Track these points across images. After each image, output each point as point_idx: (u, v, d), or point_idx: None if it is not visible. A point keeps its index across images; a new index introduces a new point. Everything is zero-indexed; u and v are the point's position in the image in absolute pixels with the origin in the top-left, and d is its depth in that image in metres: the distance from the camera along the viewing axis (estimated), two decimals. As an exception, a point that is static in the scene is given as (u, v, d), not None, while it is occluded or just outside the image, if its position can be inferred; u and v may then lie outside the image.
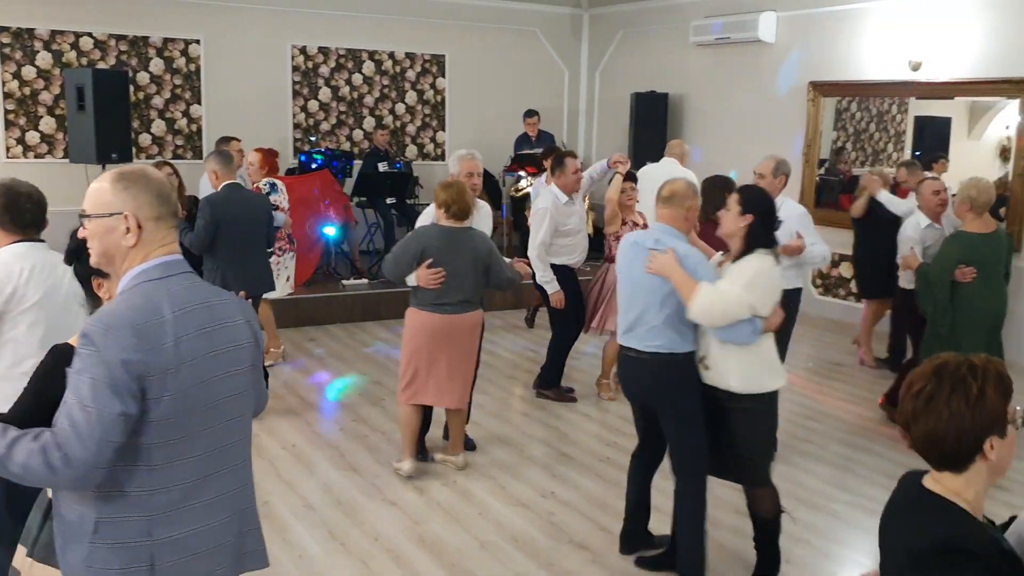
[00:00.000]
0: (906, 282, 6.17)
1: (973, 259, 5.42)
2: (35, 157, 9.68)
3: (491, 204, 11.24)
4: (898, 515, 2.04)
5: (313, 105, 11.04)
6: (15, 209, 3.37)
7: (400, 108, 11.57)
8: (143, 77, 10.06)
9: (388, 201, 10.10)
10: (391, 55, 11.40)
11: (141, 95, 10.05)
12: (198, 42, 10.27)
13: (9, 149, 9.56)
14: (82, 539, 2.12)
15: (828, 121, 9.48)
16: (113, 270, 2.22)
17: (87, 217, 2.18)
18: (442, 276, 4.91)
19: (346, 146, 11.18)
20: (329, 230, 9.31)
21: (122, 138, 8.62)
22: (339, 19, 10.96)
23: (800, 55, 9.48)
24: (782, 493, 5.13)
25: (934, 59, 8.23)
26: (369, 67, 11.30)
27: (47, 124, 9.72)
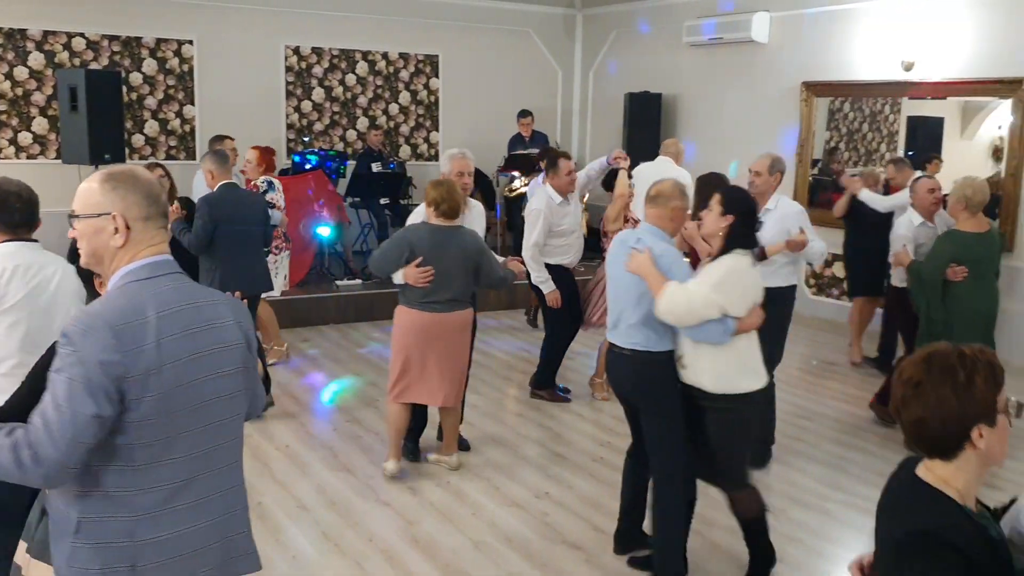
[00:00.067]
0: (898, 280, 6.17)
1: (966, 258, 5.44)
2: (28, 158, 9.65)
3: (485, 204, 11.33)
4: (888, 500, 2.07)
5: (307, 105, 11.02)
6: (4, 208, 3.31)
7: (394, 108, 11.57)
8: (136, 78, 10.04)
9: (382, 201, 10.10)
10: (385, 55, 11.40)
11: (134, 96, 10.03)
12: (191, 42, 10.26)
13: (1, 150, 9.52)
14: (65, 537, 2.12)
15: (821, 121, 9.50)
16: (102, 270, 2.20)
17: (76, 217, 2.17)
18: (430, 275, 4.91)
19: (340, 146, 11.18)
20: (323, 230, 9.30)
21: (115, 139, 8.60)
22: (333, 19, 10.95)
23: (794, 55, 9.50)
24: (776, 492, 5.16)
25: (927, 59, 8.25)
26: (363, 67, 11.29)
27: (40, 125, 9.70)
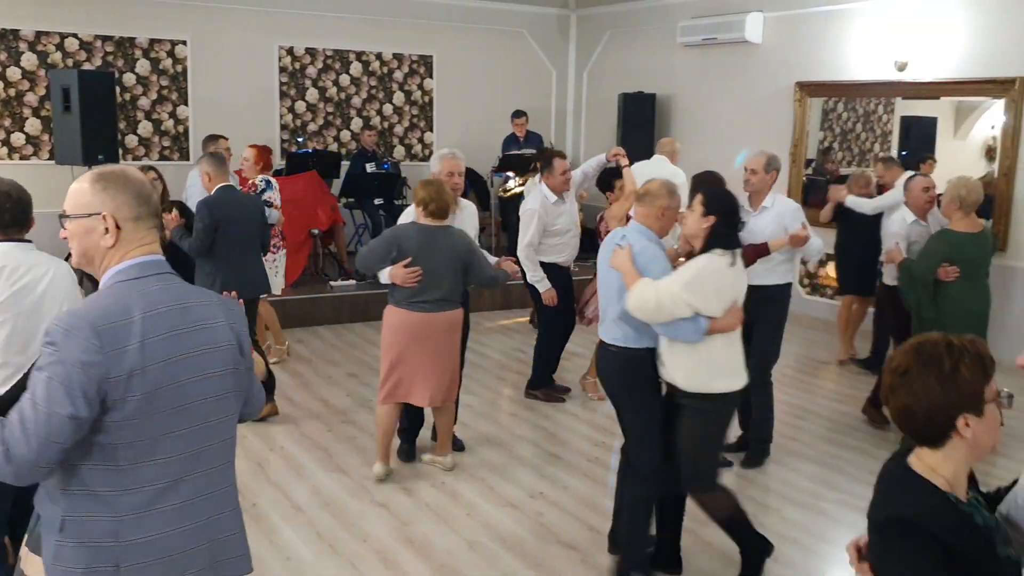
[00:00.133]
0: (890, 278, 6.17)
1: (959, 258, 5.43)
2: (20, 159, 9.62)
3: (479, 204, 11.35)
4: (878, 485, 2.10)
5: (300, 106, 11.01)
6: None
7: (388, 109, 11.56)
8: (129, 78, 10.02)
9: (376, 202, 10.09)
10: (379, 56, 11.39)
11: (127, 96, 10.01)
12: (184, 43, 10.24)
13: (-6, 151, 9.52)
14: (51, 535, 2.11)
15: (815, 121, 9.52)
16: (93, 270, 2.19)
17: (66, 217, 2.16)
18: (418, 275, 4.89)
19: (334, 147, 11.17)
20: (316, 230, 9.29)
21: (108, 139, 8.58)
22: (326, 20, 10.94)
23: (787, 56, 9.51)
24: (771, 492, 5.16)
25: (920, 59, 8.27)
26: (356, 68, 11.28)
27: (32, 126, 9.67)
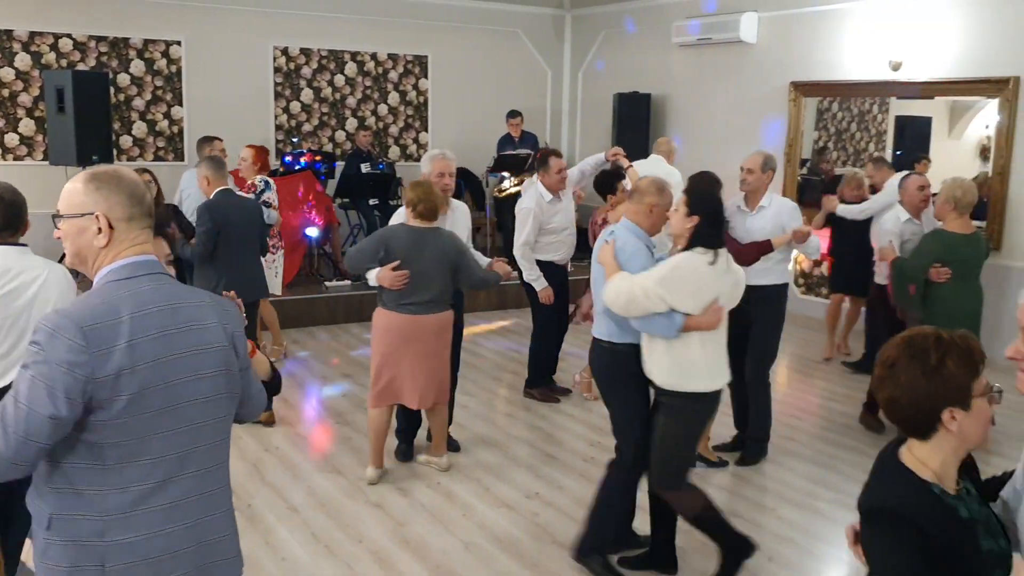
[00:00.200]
0: (881, 277, 6.18)
1: (952, 258, 5.43)
2: (14, 159, 9.59)
3: (474, 205, 11.35)
4: (871, 473, 2.14)
5: (295, 106, 11.00)
6: None
7: (383, 109, 11.55)
8: (123, 79, 10.00)
9: (371, 202, 10.08)
10: (373, 56, 11.38)
11: (122, 97, 9.99)
12: (179, 43, 10.22)
13: (-12, 151, 9.50)
14: (40, 533, 2.11)
15: (810, 121, 9.53)
16: (86, 270, 2.18)
17: (60, 217, 2.15)
18: (405, 279, 4.87)
19: (328, 147, 11.15)
20: (312, 231, 9.28)
21: (102, 140, 8.56)
22: (321, 20, 10.92)
23: (782, 55, 9.52)
24: (768, 492, 5.17)
25: (914, 59, 8.28)
26: (351, 68, 11.27)
27: (26, 126, 9.64)
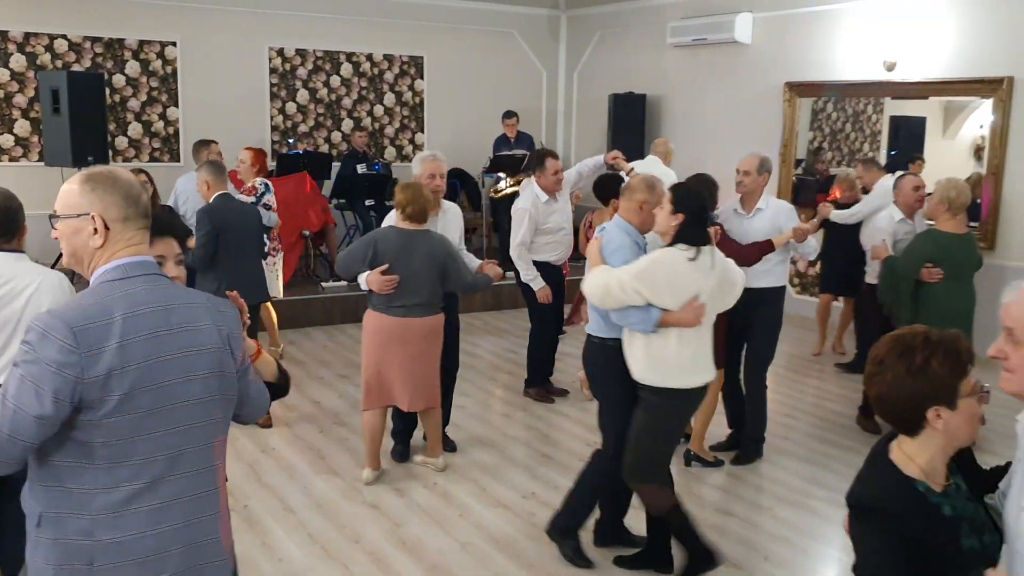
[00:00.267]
0: (873, 277, 6.18)
1: (945, 258, 5.43)
2: (10, 161, 9.59)
3: (470, 205, 11.36)
4: (861, 469, 2.18)
5: (291, 107, 11.00)
6: None
7: (379, 110, 11.56)
8: (119, 79, 10.00)
9: (367, 203, 10.08)
10: (369, 57, 11.39)
11: (117, 98, 9.98)
12: (174, 44, 10.22)
13: (-17, 153, 9.49)
14: (31, 530, 2.12)
15: (804, 121, 9.55)
16: (82, 270, 2.19)
17: (56, 218, 2.16)
18: (394, 283, 4.87)
19: (324, 148, 11.16)
20: (307, 232, 9.28)
21: (98, 141, 8.56)
22: (316, 21, 10.93)
23: (777, 56, 9.54)
24: (763, 491, 5.18)
25: (908, 59, 8.30)
26: (347, 69, 11.28)
27: (22, 127, 9.64)
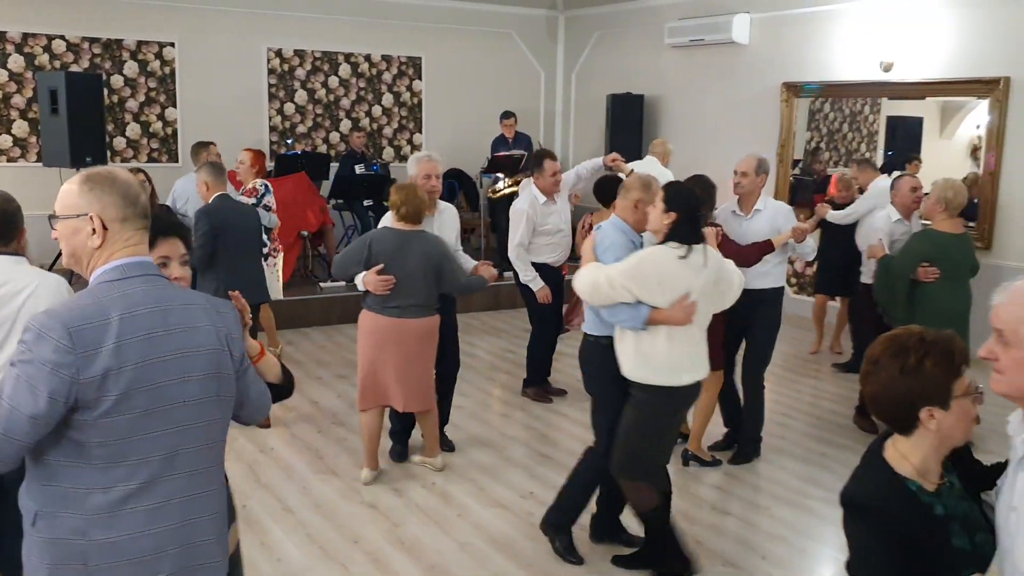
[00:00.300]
0: (868, 277, 6.20)
1: (941, 258, 5.43)
2: (8, 161, 9.59)
3: (468, 206, 11.37)
4: (856, 467, 2.20)
5: (289, 108, 11.01)
6: None
7: (377, 110, 11.57)
8: (117, 80, 10.00)
9: (365, 203, 10.09)
10: (367, 57, 11.40)
11: (115, 98, 9.99)
12: (173, 45, 10.23)
13: (-19, 153, 9.49)
14: (27, 530, 2.13)
15: (802, 122, 9.56)
16: (81, 270, 2.20)
17: (56, 218, 2.18)
18: (391, 283, 4.86)
19: (323, 149, 11.17)
20: (306, 232, 9.29)
21: (96, 142, 8.56)
22: (315, 22, 10.94)
23: (774, 56, 9.56)
24: (760, 490, 5.20)
25: (905, 60, 8.32)
26: (345, 70, 11.29)
27: (20, 128, 9.64)
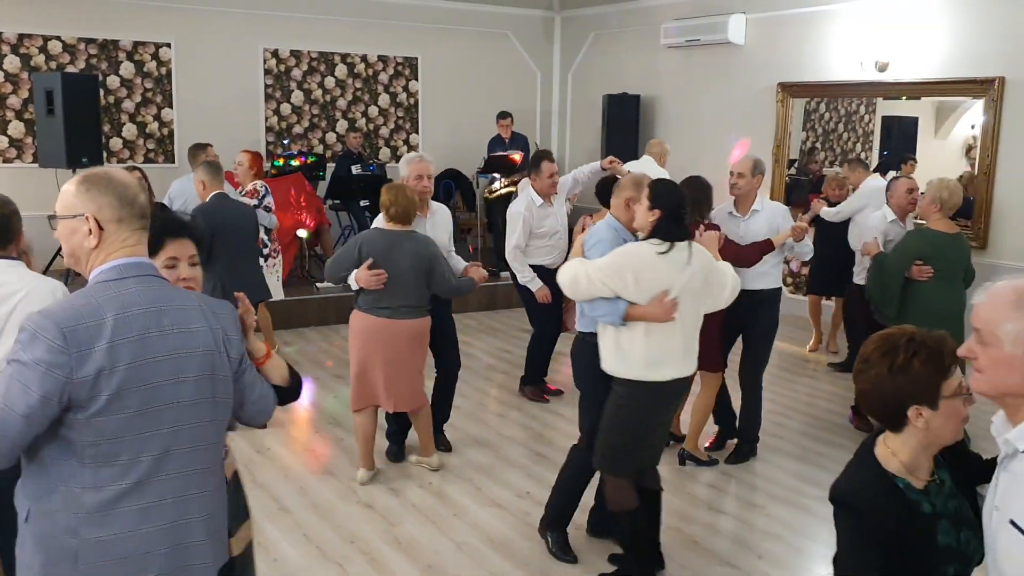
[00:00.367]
0: (860, 278, 6.20)
1: (935, 256, 5.43)
2: (4, 162, 9.57)
3: (465, 206, 11.38)
4: (848, 463, 2.24)
5: (286, 108, 11.01)
6: None
7: (373, 111, 11.57)
8: (113, 81, 9.99)
9: (362, 203, 10.09)
10: (364, 58, 11.40)
11: (111, 99, 9.98)
12: (169, 45, 10.22)
13: (-23, 154, 9.48)
14: (20, 527, 2.14)
15: (797, 122, 9.58)
16: (80, 270, 2.22)
17: (55, 219, 2.20)
18: (383, 278, 4.85)
19: (319, 149, 11.17)
20: (303, 232, 9.30)
21: (92, 142, 8.57)
22: (311, 22, 10.93)
23: (770, 57, 9.57)
24: (756, 489, 5.21)
25: (901, 60, 8.34)
26: (342, 70, 11.29)
27: (16, 129, 9.63)
